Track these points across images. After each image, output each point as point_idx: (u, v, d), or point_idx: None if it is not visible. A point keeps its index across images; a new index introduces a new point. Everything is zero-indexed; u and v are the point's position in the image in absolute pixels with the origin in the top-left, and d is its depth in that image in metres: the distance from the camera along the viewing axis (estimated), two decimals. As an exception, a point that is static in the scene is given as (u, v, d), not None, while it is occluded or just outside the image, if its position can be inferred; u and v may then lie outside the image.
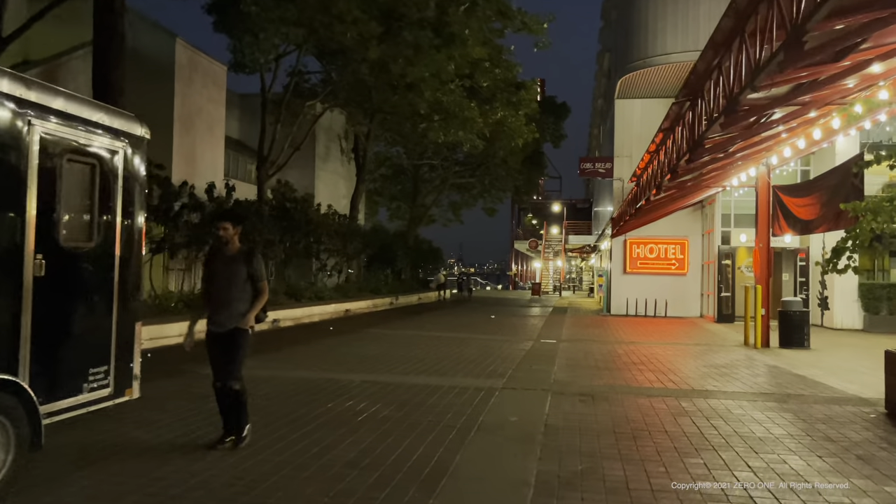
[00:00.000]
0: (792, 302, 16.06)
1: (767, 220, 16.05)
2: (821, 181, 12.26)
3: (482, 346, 14.88)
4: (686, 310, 25.89)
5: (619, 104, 27.18)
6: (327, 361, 11.66)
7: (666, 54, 22.65)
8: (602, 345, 15.79)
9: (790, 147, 15.58)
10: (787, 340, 15.72)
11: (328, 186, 29.40)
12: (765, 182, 16.05)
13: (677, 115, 11.94)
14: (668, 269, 26.06)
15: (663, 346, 15.56)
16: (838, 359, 13.69)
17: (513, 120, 22.15)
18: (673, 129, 12.48)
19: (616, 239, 26.88)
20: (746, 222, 23.98)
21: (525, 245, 61.09)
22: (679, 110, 11.95)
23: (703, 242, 26.07)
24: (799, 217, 13.18)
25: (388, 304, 26.97)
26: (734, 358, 13.58)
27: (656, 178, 13.82)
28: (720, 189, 21.34)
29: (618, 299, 26.37)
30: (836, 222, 11.29)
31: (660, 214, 24.18)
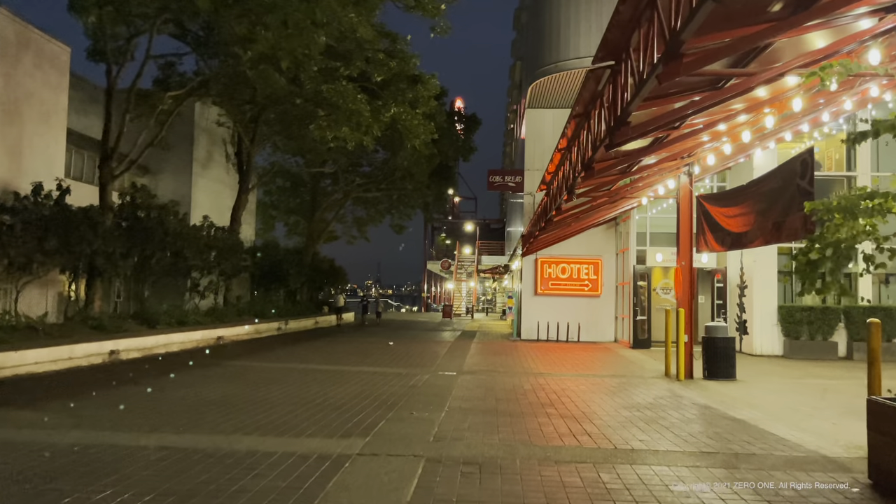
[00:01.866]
0: (717, 327, 14.32)
1: (690, 235, 14.31)
2: (755, 187, 10.47)
3: (364, 382, 12.31)
4: (600, 334, 24.17)
5: (530, 114, 25.43)
6: (134, 413, 8.75)
7: (579, 58, 21.02)
8: (507, 377, 13.53)
9: (714, 154, 13.95)
10: (712, 371, 13.96)
11: (209, 196, 26.21)
12: (687, 192, 14.32)
13: (594, 93, 9.85)
14: (581, 290, 24.31)
15: (576, 380, 13.45)
16: (772, 393, 11.91)
17: (407, 117, 19.81)
18: (588, 112, 10.41)
19: (527, 258, 24.96)
20: (662, 241, 22.55)
21: (438, 265, 58.99)
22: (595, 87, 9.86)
23: (617, 262, 24.50)
24: (729, 230, 11.36)
25: (275, 330, 23.96)
26: (657, 394, 11.56)
27: (568, 179, 11.76)
28: (635, 205, 19.72)
29: (528, 323, 24.38)
30: (776, 234, 9.43)
31: (572, 231, 22.43)
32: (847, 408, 10.15)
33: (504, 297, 57.98)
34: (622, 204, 18.64)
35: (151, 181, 23.82)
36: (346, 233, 37.89)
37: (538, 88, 23.04)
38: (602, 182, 12.34)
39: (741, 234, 10.85)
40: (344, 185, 32.34)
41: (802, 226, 8.61)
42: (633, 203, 19.23)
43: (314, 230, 32.76)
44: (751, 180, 10.85)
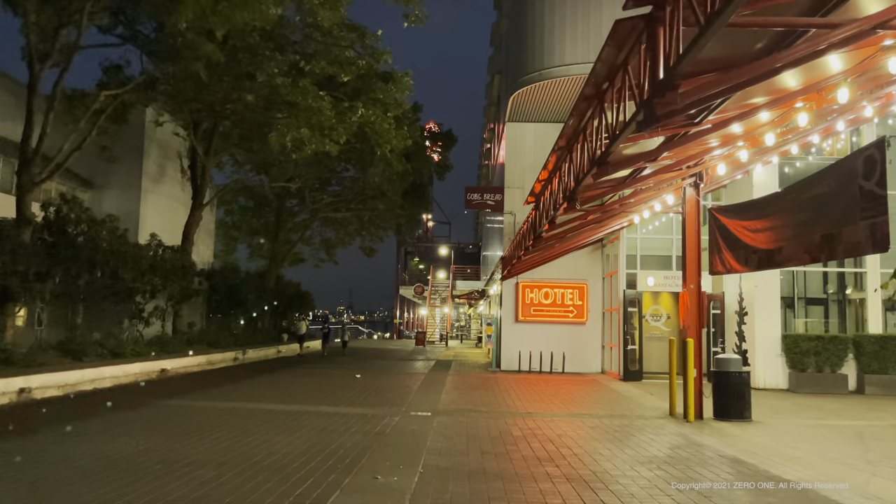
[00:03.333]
0: (729, 360, 12.54)
1: (698, 255, 12.59)
2: (792, 194, 8.75)
3: (321, 428, 10.26)
4: (586, 364, 22.32)
5: (511, 128, 23.79)
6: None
7: (565, 65, 19.45)
8: (491, 419, 11.57)
9: (726, 163, 12.30)
10: (724, 410, 12.18)
11: (161, 213, 23.97)
12: (694, 205, 12.63)
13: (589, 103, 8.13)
14: (566, 317, 22.50)
15: (572, 422, 11.53)
16: (803, 441, 10.11)
17: (377, 120, 17.89)
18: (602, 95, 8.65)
19: (507, 282, 23.12)
20: (653, 264, 20.89)
21: (411, 291, 56.88)
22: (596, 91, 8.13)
23: (603, 287, 22.77)
24: (756, 246, 9.62)
25: (230, 361, 21.69)
26: (671, 443, 9.70)
27: (566, 189, 9.97)
28: (626, 224, 18.02)
29: (509, 352, 22.46)
30: (826, 249, 7.67)
31: (556, 253, 20.69)
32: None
33: (479, 324, 56.04)
34: (615, 221, 16.94)
35: (96, 196, 21.63)
36: (314, 255, 35.74)
37: (520, 99, 21.42)
38: (603, 191, 10.57)
39: (772, 252, 9.11)
40: (311, 205, 30.28)
41: (869, 238, 6.87)
42: (625, 221, 17.54)
43: (278, 252, 30.60)
44: (786, 187, 9.14)
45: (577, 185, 8.44)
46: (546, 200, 11.86)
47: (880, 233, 6.71)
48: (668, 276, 20.19)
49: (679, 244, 20.82)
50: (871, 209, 6.85)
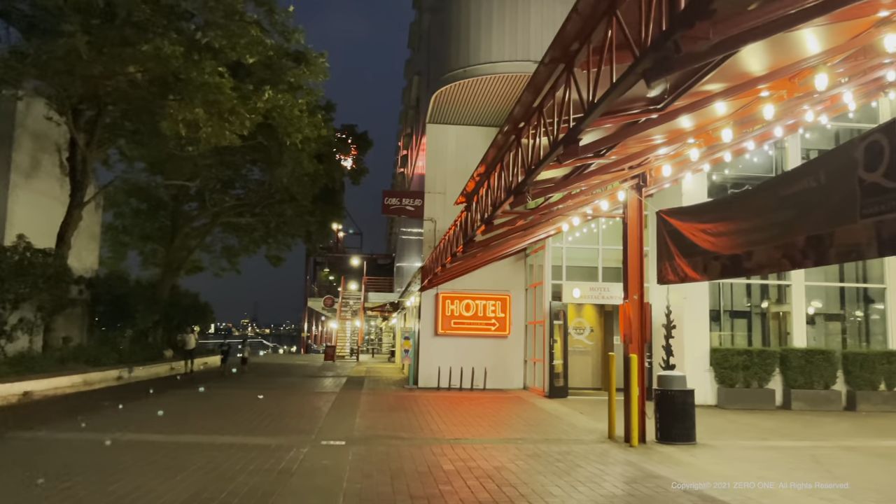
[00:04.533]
0: (673, 378, 11.59)
1: (640, 263, 11.60)
2: (766, 192, 7.74)
3: (210, 467, 8.43)
4: (508, 380, 21.16)
5: (432, 130, 22.47)
6: None
7: (491, 62, 18.33)
8: (416, 448, 10.05)
9: (671, 164, 11.37)
10: (668, 432, 11.20)
11: (35, 212, 21.00)
12: (638, 208, 11.63)
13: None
14: (488, 330, 21.28)
15: (506, 449, 10.17)
16: (764, 467, 9.15)
17: (286, 104, 15.99)
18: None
19: (426, 293, 21.69)
20: (579, 275, 20.01)
21: (320, 303, 54.42)
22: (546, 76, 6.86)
23: (526, 298, 21.73)
24: (719, 252, 8.59)
25: (114, 380, 19.11)
26: (624, 474, 8.50)
27: (511, 184, 8.64)
28: (553, 232, 16.98)
29: (427, 368, 20.99)
30: (814, 252, 6.66)
31: (478, 263, 19.46)
32: (882, 492, 7.50)
33: (391, 338, 54.29)
34: (543, 229, 15.86)
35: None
36: (214, 264, 33.07)
37: (443, 98, 20.15)
38: (551, 188, 9.33)
39: (739, 258, 8.08)
40: (212, 208, 27.80)
41: (874, 239, 5.85)
42: (552, 230, 16.50)
43: (174, 260, 27.90)
44: (758, 184, 8.15)
45: (531, 174, 7.15)
46: (481, 199, 10.55)
47: (889, 232, 5.69)
48: (594, 287, 19.34)
49: (605, 254, 20.12)
50: (876, 205, 5.84)
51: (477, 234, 10.97)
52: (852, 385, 16.90)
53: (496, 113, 21.09)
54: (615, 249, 20.71)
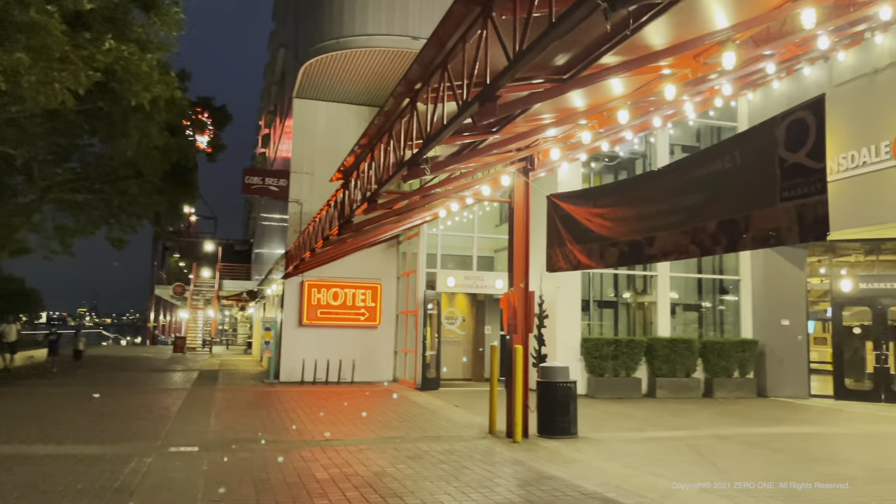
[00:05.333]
0: (556, 369, 11.19)
1: (526, 249, 11.07)
2: (670, 175, 7.34)
3: (24, 484, 6.85)
4: (377, 372, 20.22)
5: (300, 106, 20.96)
6: None
7: (367, 35, 17.20)
8: (282, 452, 8.88)
9: (560, 147, 10.93)
10: (549, 426, 10.79)
11: None
12: (524, 192, 11.09)
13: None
14: (357, 320, 20.21)
15: (384, 450, 9.26)
16: (652, 462, 8.89)
17: (132, 56, 13.71)
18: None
19: (290, 281, 20.23)
20: (453, 263, 19.46)
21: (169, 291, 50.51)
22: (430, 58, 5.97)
23: (398, 287, 20.89)
24: (616, 238, 8.13)
25: None
26: (516, 476, 7.88)
27: (402, 157, 7.69)
28: (429, 218, 16.26)
29: (290, 360, 19.58)
30: (727, 238, 6.29)
31: (348, 249, 18.37)
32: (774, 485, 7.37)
33: (247, 328, 51.53)
34: (418, 214, 15.06)
35: None
36: (44, 245, 29.27)
37: (313, 71, 18.72)
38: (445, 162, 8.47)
39: (640, 244, 7.65)
40: (41, 182, 24.44)
41: (796, 223, 5.51)
42: (429, 215, 15.75)
43: (-7, 239, 24.29)
44: (663, 166, 7.73)
45: (431, 142, 6.26)
46: (363, 175, 9.52)
47: (813, 216, 5.35)
48: (468, 276, 18.85)
49: (479, 242, 19.69)
50: (798, 187, 5.49)
51: (356, 215, 9.93)
52: (710, 372, 17.57)
53: (371, 91, 19.99)
54: (490, 238, 20.38)
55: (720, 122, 19.22)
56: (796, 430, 12.10)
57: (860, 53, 15.41)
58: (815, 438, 11.16)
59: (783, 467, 8.64)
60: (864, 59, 15.43)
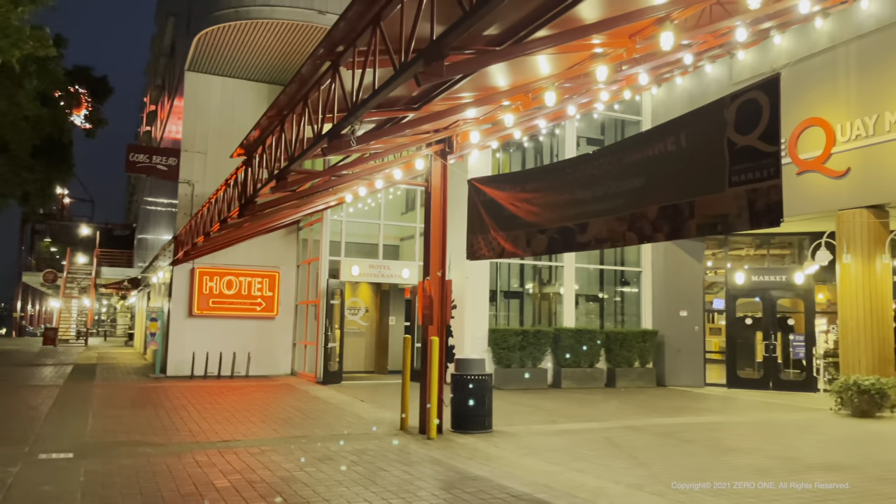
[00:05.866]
0: (471, 361, 10.78)
1: (443, 236, 10.56)
2: (605, 158, 6.99)
3: None
4: (275, 366, 19.17)
5: (193, 79, 19.43)
6: None
7: (269, 6, 16.05)
8: (174, 458, 7.93)
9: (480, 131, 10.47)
10: (464, 420, 10.38)
11: None
12: (442, 176, 10.55)
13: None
14: (253, 310, 19.04)
15: (290, 452, 8.48)
16: (576, 458, 8.62)
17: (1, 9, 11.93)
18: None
19: (179, 268, 18.77)
20: (356, 251, 18.69)
21: (39, 278, 46.36)
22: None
23: (298, 276, 19.87)
24: (545, 225, 7.74)
25: None
26: (438, 477, 7.36)
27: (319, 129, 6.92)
28: (333, 203, 15.43)
29: (179, 353, 18.16)
30: (668, 225, 6.00)
31: (245, 234, 17.19)
32: (696, 478, 7.24)
33: (126, 318, 48.26)
34: (322, 199, 14.21)
35: None
36: None
37: (208, 42, 17.31)
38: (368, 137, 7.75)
39: (571, 231, 7.29)
40: None
41: (745, 209, 5.28)
42: (333, 200, 14.92)
43: None
44: (599, 149, 7.34)
45: (360, 108, 5.58)
46: (270, 150, 8.63)
47: (765, 202, 5.12)
48: (373, 265, 18.13)
49: (386, 230, 18.97)
50: (749, 171, 5.25)
51: (261, 195, 9.03)
52: (612, 363, 17.79)
53: (274, 67, 18.81)
54: (396, 226, 19.74)
55: (624, 116, 19.47)
56: (701, 419, 12.30)
57: (758, 53, 15.93)
58: (721, 427, 11.35)
59: (699, 458, 8.60)
60: (762, 59, 15.96)
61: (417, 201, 19.06)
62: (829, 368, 16.59)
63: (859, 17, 13.92)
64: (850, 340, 13.68)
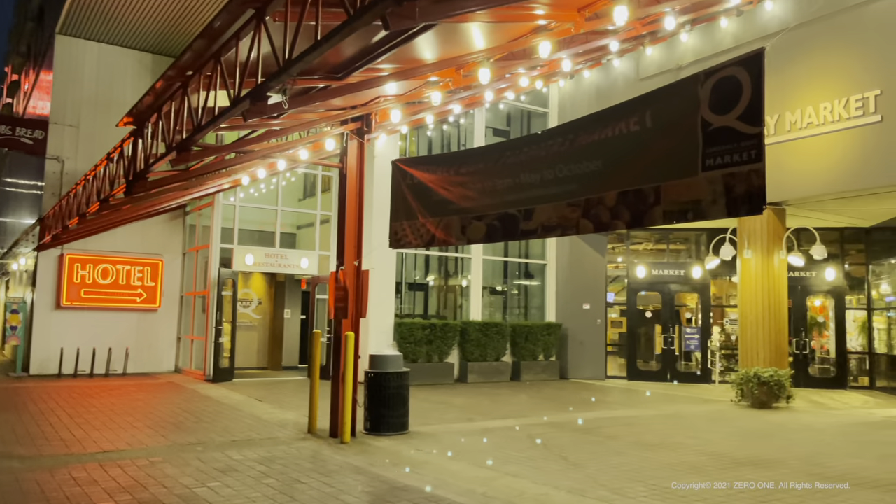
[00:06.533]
0: (387, 358, 10.05)
1: (360, 222, 9.74)
2: (557, 138, 6.44)
3: None
4: (156, 363, 17.52)
5: (64, 44, 17.32)
6: None
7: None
8: (44, 473, 6.71)
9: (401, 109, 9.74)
10: (379, 422, 9.65)
11: None
12: (358, 156, 9.72)
13: None
14: (132, 302, 17.28)
15: (184, 463, 7.44)
16: (507, 461, 8.11)
17: None
18: None
19: (45, 254, 16.74)
20: (250, 239, 17.43)
21: None
22: None
23: (184, 265, 18.27)
24: (480, 210, 7.14)
25: None
26: (366, 490, 6.62)
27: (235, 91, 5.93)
28: (226, 185, 14.20)
29: (45, 349, 16.18)
30: (629, 212, 5.57)
31: (123, 218, 15.56)
32: (636, 480, 6.91)
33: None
34: (214, 181, 12.95)
35: None
36: None
37: (83, 3, 15.41)
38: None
39: (514, 218, 6.71)
40: None
41: (722, 195, 4.92)
42: (227, 182, 13.69)
43: None
44: (549, 129, 6.73)
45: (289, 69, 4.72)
46: (168, 118, 7.46)
47: (745, 187, 4.76)
48: (270, 254, 16.93)
49: (283, 217, 17.76)
50: (726, 154, 4.87)
51: (154, 171, 7.83)
52: (517, 356, 17.57)
53: (161, 34, 17.11)
54: (293, 212, 18.58)
55: (531, 107, 19.27)
56: (614, 413, 12.19)
57: (665, 50, 16.12)
58: (637, 422, 11.25)
59: (628, 457, 8.32)
60: (668, 57, 16.17)
61: (318, 186, 18.01)
62: (721, 360, 17.16)
63: (763, 18, 14.32)
64: (749, 334, 14.07)
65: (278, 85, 5.17)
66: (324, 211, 17.72)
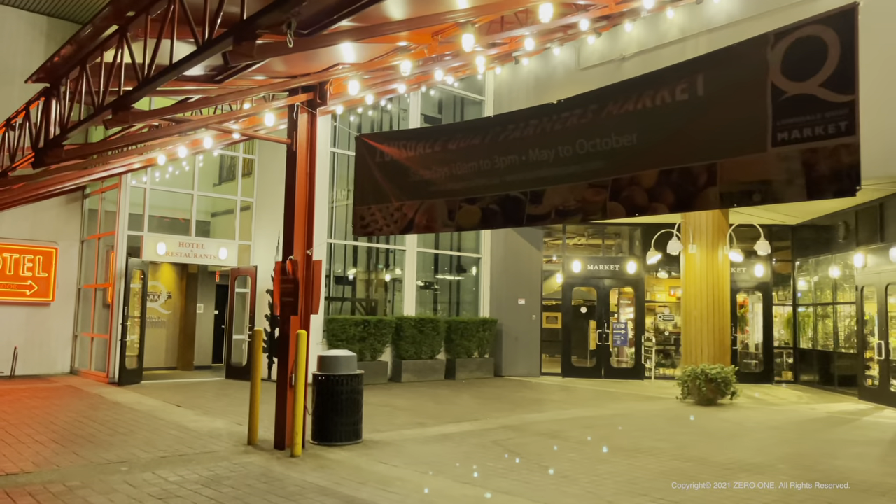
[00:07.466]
0: (339, 359, 8.98)
1: (310, 206, 8.61)
2: (570, 112, 5.63)
3: None
4: (49, 363, 15.50)
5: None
6: None
7: None
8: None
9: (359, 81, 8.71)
10: (330, 430, 8.62)
11: None
12: (309, 131, 8.58)
13: None
14: (21, 295, 15.18)
15: (108, 487, 6.16)
16: (486, 474, 7.27)
17: None
18: None
19: (-87, 237, 14.36)
20: (160, 226, 15.75)
21: None
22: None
23: (83, 253, 16.28)
24: (475, 192, 6.27)
25: None
26: (349, 518, 5.61)
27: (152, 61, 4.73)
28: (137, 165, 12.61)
29: (-90, 351, 13.86)
30: (675, 195, 4.86)
31: (11, 200, 13.60)
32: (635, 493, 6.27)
33: None
34: (124, 159, 11.38)
35: None
36: None
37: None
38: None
39: (516, 201, 5.86)
40: None
41: (800, 173, 4.27)
42: (138, 161, 12.12)
43: None
44: (570, 98, 5.82)
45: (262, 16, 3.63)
46: (97, 72, 6.09)
47: (830, 165, 4.12)
48: (184, 242, 15.34)
49: (199, 203, 16.12)
50: (804, 126, 4.22)
51: (68, 137, 6.39)
52: (452, 353, 16.80)
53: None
54: (207, 197, 16.94)
55: (465, 94, 18.52)
56: (569, 414, 11.63)
57: (608, 40, 15.78)
58: (595, 423, 10.72)
59: (613, 465, 7.71)
60: (611, 46, 15.84)
61: (239, 170, 16.52)
62: (657, 356, 17.10)
63: (710, 11, 14.18)
64: (693, 329, 13.93)
65: (293, 7, 4.02)
66: (245, 197, 16.25)
